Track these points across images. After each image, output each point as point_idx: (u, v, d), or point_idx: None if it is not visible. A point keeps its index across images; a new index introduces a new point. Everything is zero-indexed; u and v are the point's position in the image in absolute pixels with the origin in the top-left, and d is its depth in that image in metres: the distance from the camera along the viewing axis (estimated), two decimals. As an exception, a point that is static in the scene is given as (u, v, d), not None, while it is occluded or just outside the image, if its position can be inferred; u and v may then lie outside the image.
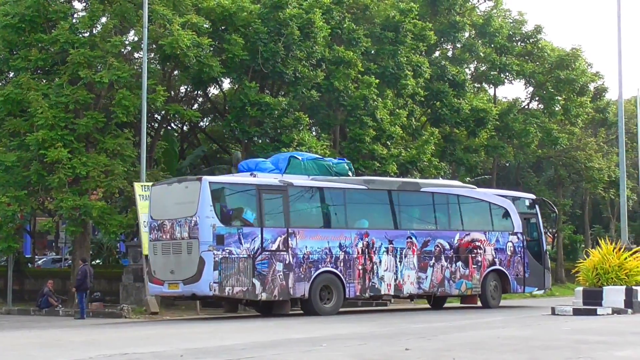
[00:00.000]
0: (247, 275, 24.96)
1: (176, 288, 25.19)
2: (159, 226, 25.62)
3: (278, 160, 27.83)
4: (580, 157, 53.46)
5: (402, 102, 39.83)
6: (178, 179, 27.22)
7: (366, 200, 28.26)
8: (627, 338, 18.23)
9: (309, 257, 26.12)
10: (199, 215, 24.47)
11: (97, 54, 30.91)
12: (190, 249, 24.65)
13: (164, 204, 25.91)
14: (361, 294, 27.56)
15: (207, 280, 24.39)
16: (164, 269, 25.51)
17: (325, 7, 35.08)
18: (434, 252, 28.68)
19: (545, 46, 48.41)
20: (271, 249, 25.47)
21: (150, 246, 26.24)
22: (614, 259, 26.07)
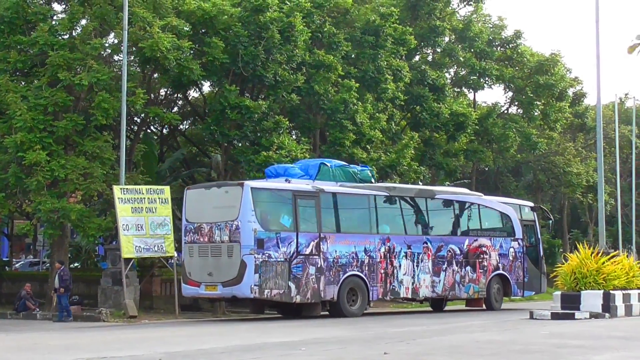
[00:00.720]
0: (283, 279, 26.01)
1: (214, 290, 26.22)
2: (195, 229, 26.62)
3: (308, 167, 28.80)
4: (558, 161, 53.68)
5: (382, 106, 39.85)
6: (217, 184, 28.28)
7: (388, 207, 29.46)
8: (605, 342, 18.33)
9: (338, 261, 27.24)
10: (240, 219, 25.52)
11: (77, 56, 30.76)
12: (231, 252, 25.67)
13: (201, 207, 26.85)
14: (383, 296, 28.93)
15: (248, 283, 25.36)
16: (201, 271, 26.43)
17: (305, 11, 35.07)
18: (446, 257, 30.13)
19: (525, 51, 48.59)
20: (305, 253, 26.56)
21: (185, 248, 27.08)
22: (592, 264, 26.23)
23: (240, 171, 34.81)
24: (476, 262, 30.94)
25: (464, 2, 47.80)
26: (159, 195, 30.63)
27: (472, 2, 47.81)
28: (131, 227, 29.71)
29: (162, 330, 23.91)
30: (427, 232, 30.02)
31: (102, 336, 22.22)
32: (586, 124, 55.46)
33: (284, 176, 27.84)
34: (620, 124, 50.88)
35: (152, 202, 30.36)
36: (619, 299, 26.06)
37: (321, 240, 26.95)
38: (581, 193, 54.50)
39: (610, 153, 51.40)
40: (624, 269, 26.77)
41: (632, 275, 27.00)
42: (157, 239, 30.23)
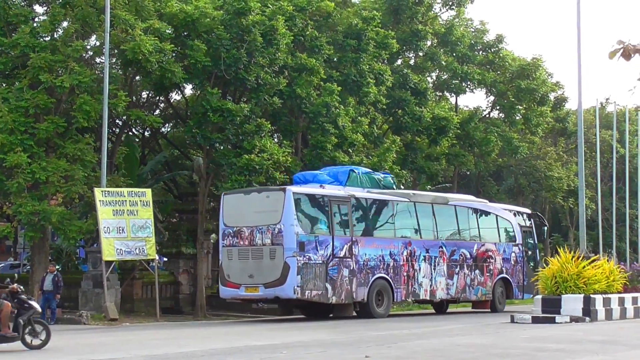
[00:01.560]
0: (321, 280, 27.06)
1: (255, 291, 27.12)
2: (234, 233, 27.53)
3: (337, 174, 29.99)
4: (540, 166, 53.90)
5: (364, 109, 39.88)
6: (257, 189, 29.30)
7: (408, 212, 30.58)
8: (585, 346, 18.41)
9: (367, 263, 28.37)
10: (283, 223, 26.55)
11: (58, 58, 30.66)
12: (273, 255, 26.63)
13: (240, 212, 27.77)
14: (405, 298, 30.08)
15: (291, 284, 26.32)
16: (241, 273, 27.35)
17: (288, 14, 35.05)
18: (458, 260, 31.42)
19: (507, 55, 48.73)
20: (340, 256, 27.65)
21: (224, 252, 27.89)
22: (572, 268, 26.33)
23: (222, 174, 34.75)
24: (484, 266, 32.32)
25: (446, 7, 47.91)
26: (140, 198, 30.58)
27: (454, 7, 47.93)
28: (112, 229, 29.65)
29: (143, 333, 23.85)
30: (442, 237, 31.22)
31: (82, 339, 22.15)
32: (567, 129, 55.70)
33: (313, 182, 29.01)
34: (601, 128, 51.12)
35: (133, 205, 30.31)
36: (599, 303, 26.17)
37: (353, 244, 28.07)
38: (562, 197, 54.74)
39: (591, 157, 51.62)
40: (605, 273, 26.88)
41: (613, 279, 27.12)
42: (139, 242, 30.18)
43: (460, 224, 32.17)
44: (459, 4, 47.68)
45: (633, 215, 50.24)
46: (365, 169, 32.14)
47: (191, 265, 36.17)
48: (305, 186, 28.61)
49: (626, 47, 9.75)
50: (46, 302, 28.98)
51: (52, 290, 28.93)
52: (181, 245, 36.42)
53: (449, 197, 32.97)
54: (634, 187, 47.68)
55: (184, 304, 35.62)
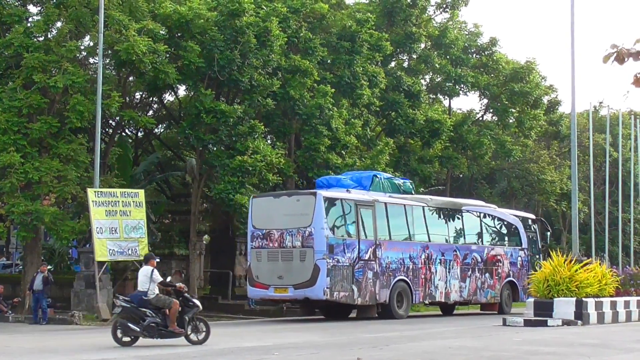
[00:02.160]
0: (348, 282, 27.91)
1: (285, 292, 27.94)
2: (264, 235, 28.28)
3: (361, 178, 30.86)
4: (533, 169, 53.90)
5: (357, 111, 39.90)
6: (287, 193, 30.39)
7: (426, 216, 31.51)
8: (577, 349, 18.43)
9: (389, 266, 29.27)
10: (314, 226, 27.32)
11: (52, 59, 30.62)
12: (303, 257, 27.40)
13: (269, 215, 28.50)
14: (423, 300, 30.95)
15: (321, 286, 27.10)
16: (271, 274, 28.11)
17: (282, 16, 35.05)
18: (470, 264, 32.42)
19: (500, 59, 48.74)
20: (365, 259, 28.49)
21: (252, 253, 28.67)
22: (564, 271, 26.36)
23: (215, 175, 34.74)
24: (493, 269, 33.27)
25: (440, 9, 47.94)
26: (133, 199, 30.55)
27: (448, 9, 47.96)
28: (105, 230, 29.61)
29: (135, 334, 23.77)
30: (456, 241, 32.30)
31: (74, 339, 22.12)
32: (560, 132, 55.72)
33: (336, 187, 29.64)
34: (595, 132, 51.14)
35: (126, 205, 30.28)
36: (591, 307, 26.21)
37: (377, 247, 28.88)
38: (555, 201, 54.74)
39: (584, 161, 51.64)
40: (597, 277, 26.92)
41: (605, 283, 27.17)
42: (131, 242, 30.15)
43: (472, 228, 33.29)
44: (452, 6, 47.72)
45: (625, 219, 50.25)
46: (387, 174, 33.13)
47: (183, 266, 36.14)
48: (333, 190, 29.19)
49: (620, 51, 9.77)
50: (37, 302, 28.94)
51: (42, 289, 28.90)
52: (174, 246, 36.40)
53: (462, 203, 33.99)
54: (626, 190, 47.73)
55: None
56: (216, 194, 33.10)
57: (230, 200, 32.57)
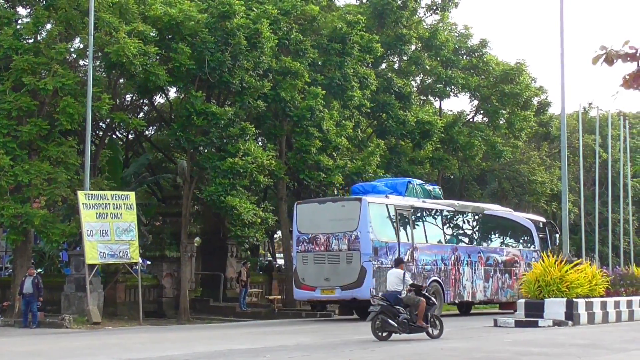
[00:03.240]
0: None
1: (332, 293, 29.24)
2: (309, 239, 29.62)
3: (396, 185, 32.35)
4: (523, 170, 53.97)
5: (348, 113, 39.91)
6: (332, 199, 31.97)
7: (454, 220, 33.35)
8: (567, 350, 18.46)
9: (425, 268, 30.64)
10: (360, 230, 28.70)
11: (42, 61, 30.55)
12: (350, 259, 28.76)
13: (314, 220, 29.87)
14: (453, 299, 32.32)
15: (368, 286, 28.18)
16: (317, 276, 29.44)
17: (272, 18, 35.02)
18: (492, 265, 33.72)
19: (490, 60, 48.80)
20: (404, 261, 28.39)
21: (298, 257, 30.05)
22: (555, 272, 26.39)
23: (206, 177, 34.71)
24: (511, 270, 34.49)
25: (430, 11, 47.99)
26: (124, 201, 30.49)
27: (438, 11, 48.01)
28: (95, 232, 29.55)
29: (126, 337, 23.79)
30: (480, 243, 33.77)
31: (65, 343, 22.07)
32: (550, 133, 55.83)
33: (372, 193, 30.79)
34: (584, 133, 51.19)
35: (117, 208, 30.22)
36: (581, 307, 26.24)
37: (414, 250, 30.29)
38: (545, 201, 54.84)
39: (574, 162, 51.74)
40: (587, 277, 26.95)
41: (595, 283, 27.20)
42: (122, 245, 30.09)
43: (493, 231, 34.81)
44: (443, 8, 47.78)
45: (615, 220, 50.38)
46: (419, 181, 34.79)
47: (175, 268, 36.10)
48: (375, 196, 30.33)
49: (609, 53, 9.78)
50: (27, 306, 28.84)
51: (32, 293, 28.78)
52: (165, 249, 36.35)
53: (483, 207, 35.49)
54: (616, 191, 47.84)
55: (167, 308, 35.54)
56: (207, 196, 33.06)
57: (221, 203, 32.54)
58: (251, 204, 33.33)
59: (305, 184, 38.65)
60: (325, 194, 38.80)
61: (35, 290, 28.76)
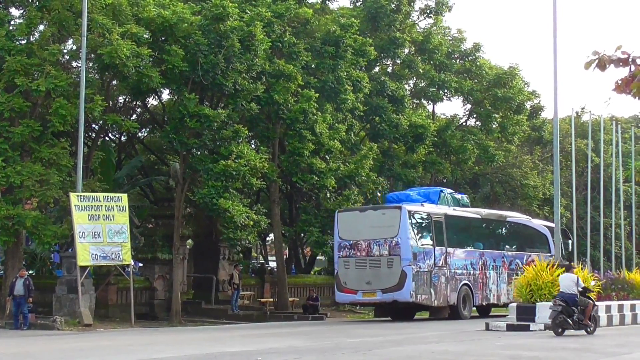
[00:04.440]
0: (427, 286, 31.17)
1: (373, 296, 31.11)
2: (351, 245, 31.54)
3: (428, 194, 34.40)
4: (516, 174, 54.03)
5: (341, 116, 39.91)
6: (372, 207, 34.26)
7: (481, 227, 35.34)
8: (559, 354, 18.48)
9: (456, 272, 32.61)
10: (400, 236, 30.67)
11: (35, 62, 30.50)
12: (391, 264, 30.62)
13: (356, 227, 31.76)
14: (481, 302, 34.19)
15: (408, 289, 30.31)
16: (359, 280, 31.29)
17: (266, 21, 35.01)
18: (515, 269, 34.99)
19: (484, 64, 48.88)
20: (439, 265, 31.82)
21: (340, 262, 31.92)
22: (547, 276, 26.43)
23: (198, 180, 34.67)
24: None
25: (424, 15, 48.05)
26: (116, 203, 30.44)
27: (432, 15, 48.07)
28: (88, 234, 29.50)
29: (117, 339, 23.76)
30: (503, 249, 35.36)
31: (56, 345, 22.03)
32: (543, 137, 55.90)
33: (406, 201, 32.68)
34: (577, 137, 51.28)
35: (109, 210, 30.17)
36: (573, 311, 26.22)
37: (447, 255, 32.24)
38: (537, 205, 54.86)
39: (566, 166, 51.77)
40: (579, 282, 26.94)
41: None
42: (115, 247, 30.04)
43: (514, 237, 36.25)
44: (436, 12, 47.84)
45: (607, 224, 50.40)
46: (449, 190, 36.69)
47: (167, 270, 36.04)
48: (412, 204, 32.31)
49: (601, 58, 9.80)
50: (18, 307, 28.75)
51: (23, 295, 28.69)
52: (157, 251, 36.28)
53: (506, 215, 37.14)
54: (608, 196, 47.90)
55: (159, 310, 35.47)
56: (200, 198, 33.01)
57: (214, 205, 32.49)
58: (244, 207, 33.28)
59: (298, 187, 38.65)
60: (318, 197, 38.81)
61: (26, 292, 28.68)
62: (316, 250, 41.97)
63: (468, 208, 35.54)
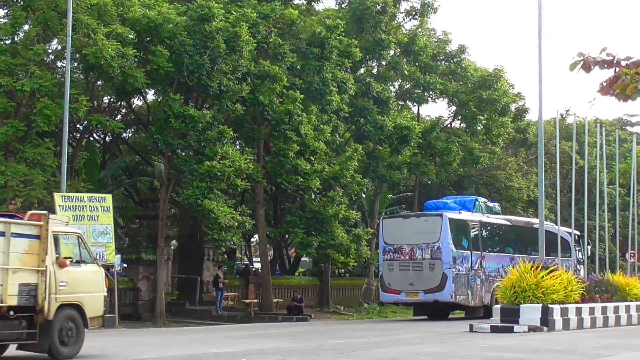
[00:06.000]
0: (465, 287, 33.58)
1: (415, 296, 33.65)
2: (395, 249, 34.15)
3: (464, 202, 37.11)
4: (500, 176, 54.16)
5: (326, 117, 39.91)
6: (415, 214, 37.38)
7: (511, 233, 37.61)
8: (542, 355, 18.54)
9: (490, 274, 34.86)
10: (441, 241, 33.30)
11: (19, 62, 30.39)
12: (432, 267, 33.22)
13: (399, 232, 34.45)
14: None
15: (448, 291, 32.83)
16: (402, 282, 33.84)
17: (251, 21, 34.99)
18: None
19: (469, 66, 48.91)
20: (475, 268, 34.24)
21: (384, 265, 34.54)
22: (531, 278, 26.51)
23: (183, 180, 34.62)
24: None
25: (409, 16, 48.03)
26: (101, 203, 30.33)
27: (417, 17, 48.05)
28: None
29: (101, 340, 23.65)
30: (530, 253, 36.33)
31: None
32: (528, 139, 56.02)
33: (444, 209, 35.10)
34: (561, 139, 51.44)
35: (93, 210, 30.05)
36: (557, 313, 26.36)
37: (482, 259, 34.61)
38: (522, 207, 55.02)
39: (551, 168, 52.00)
40: (563, 283, 27.09)
41: (570, 289, 27.34)
42: (99, 248, 29.89)
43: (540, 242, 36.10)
44: (422, 14, 47.81)
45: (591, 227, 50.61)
46: (483, 199, 39.78)
47: (151, 271, 35.97)
48: (451, 212, 34.72)
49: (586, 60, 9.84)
50: None
51: None
52: (141, 252, 36.20)
53: (533, 222, 38.58)
54: (592, 198, 48.03)
55: (144, 311, 35.40)
56: (184, 199, 32.96)
57: (199, 206, 32.44)
58: (228, 208, 33.24)
59: (282, 188, 38.65)
60: (303, 198, 38.81)
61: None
62: (300, 251, 41.93)
63: (499, 215, 38.06)
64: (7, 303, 16.62)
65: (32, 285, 16.99)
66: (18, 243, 16.90)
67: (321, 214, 37.90)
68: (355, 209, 44.32)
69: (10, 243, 16.70)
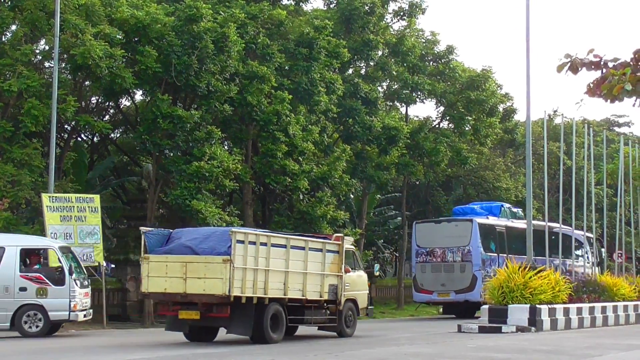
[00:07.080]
0: None
1: (447, 296, 36.12)
2: (427, 252, 36.77)
3: (491, 207, 39.67)
4: (488, 176, 54.25)
5: (314, 118, 39.90)
6: (447, 219, 39.17)
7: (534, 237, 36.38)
8: (530, 356, 18.59)
9: None
10: (471, 245, 35.85)
11: (6, 62, 30.29)
12: (463, 269, 35.75)
13: (432, 236, 36.96)
14: None
15: (478, 291, 34.24)
16: (434, 282, 36.39)
17: (239, 22, 34.95)
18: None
19: (457, 66, 48.94)
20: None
21: (417, 266, 37.10)
22: (519, 278, 26.60)
23: (171, 181, 34.56)
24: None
25: (397, 17, 48.04)
26: (88, 204, 30.27)
27: (405, 17, 48.06)
28: (59, 235, 29.29)
29: (89, 340, 23.66)
30: (550, 255, 36.31)
31: (25, 346, 21.87)
32: (516, 140, 56.13)
33: (471, 215, 37.56)
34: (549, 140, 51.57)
35: (81, 211, 29.98)
36: (544, 313, 26.44)
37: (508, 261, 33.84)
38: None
39: (538, 169, 52.10)
40: (550, 284, 27.20)
41: (558, 289, 27.44)
42: (86, 248, 29.84)
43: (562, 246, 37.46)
44: (410, 14, 47.82)
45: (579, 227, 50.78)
46: (508, 204, 42.11)
47: (139, 272, 35.82)
48: (479, 217, 36.99)
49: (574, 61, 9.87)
50: None
51: None
52: (129, 252, 36.09)
53: (552, 226, 38.88)
54: (580, 198, 48.12)
55: (132, 311, 35.30)
56: (172, 199, 32.90)
57: (187, 206, 32.39)
58: (216, 208, 33.19)
59: (271, 189, 38.61)
60: (291, 198, 38.80)
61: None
62: (289, 252, 41.83)
63: (523, 220, 38.89)
64: (324, 298, 23.15)
65: (334, 286, 23.46)
66: (328, 256, 23.33)
67: (309, 214, 37.88)
68: (344, 210, 44.33)
69: (325, 257, 23.17)
